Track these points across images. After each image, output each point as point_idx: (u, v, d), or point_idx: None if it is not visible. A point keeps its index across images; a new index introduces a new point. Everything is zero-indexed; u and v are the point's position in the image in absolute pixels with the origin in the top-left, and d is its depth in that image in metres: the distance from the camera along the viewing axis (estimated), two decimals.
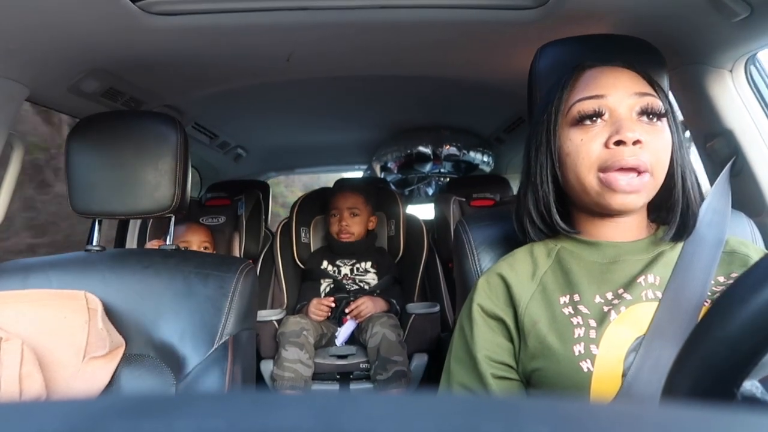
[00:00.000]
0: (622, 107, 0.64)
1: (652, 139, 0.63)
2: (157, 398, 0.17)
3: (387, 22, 1.08)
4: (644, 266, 0.66)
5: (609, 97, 0.64)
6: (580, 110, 0.65)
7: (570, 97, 0.67)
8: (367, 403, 0.16)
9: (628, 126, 0.62)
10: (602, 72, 0.67)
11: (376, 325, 1.72)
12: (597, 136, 0.64)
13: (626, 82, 0.65)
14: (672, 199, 0.66)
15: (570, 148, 0.66)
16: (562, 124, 0.67)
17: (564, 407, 0.17)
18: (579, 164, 0.65)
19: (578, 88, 0.67)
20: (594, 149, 0.64)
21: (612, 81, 0.65)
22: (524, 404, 0.17)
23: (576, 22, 0.99)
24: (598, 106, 0.64)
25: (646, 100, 0.64)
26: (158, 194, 0.93)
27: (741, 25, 0.88)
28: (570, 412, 0.17)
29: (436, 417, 0.16)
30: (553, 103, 0.68)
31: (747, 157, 1.02)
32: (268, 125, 2.16)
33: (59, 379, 0.77)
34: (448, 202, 2.05)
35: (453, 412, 0.16)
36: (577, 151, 0.65)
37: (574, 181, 0.66)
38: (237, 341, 0.85)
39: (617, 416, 0.17)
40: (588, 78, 0.67)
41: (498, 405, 0.17)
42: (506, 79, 1.41)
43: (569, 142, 0.66)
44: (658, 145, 0.63)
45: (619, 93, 0.64)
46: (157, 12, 0.96)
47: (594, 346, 0.60)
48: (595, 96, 0.65)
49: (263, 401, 0.16)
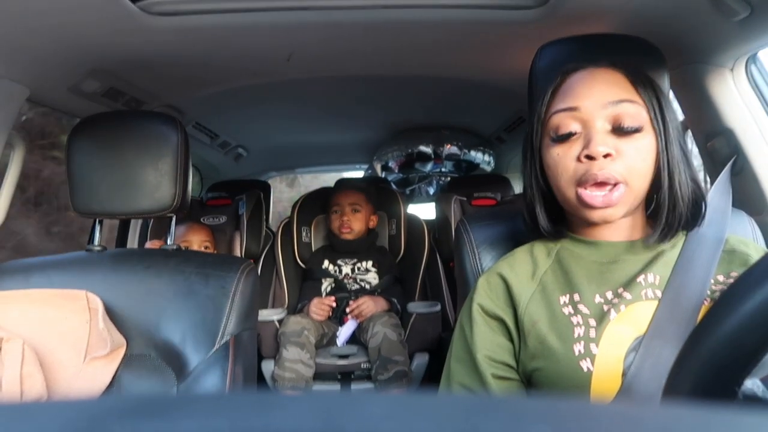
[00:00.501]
0: (595, 119, 0.63)
1: (626, 149, 0.62)
2: (158, 399, 0.17)
3: (388, 22, 1.08)
4: (644, 265, 0.66)
5: (582, 109, 0.64)
6: (556, 124, 0.66)
7: (549, 108, 0.68)
8: (368, 403, 0.16)
9: (598, 140, 0.62)
10: (581, 78, 0.67)
11: (377, 325, 1.72)
12: (571, 149, 0.64)
13: (603, 88, 0.64)
14: (660, 200, 0.66)
15: (550, 162, 0.67)
16: (543, 135, 0.68)
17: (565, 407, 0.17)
18: (558, 179, 0.66)
19: (557, 99, 0.67)
20: (569, 164, 0.64)
21: (587, 90, 0.65)
22: (525, 404, 0.17)
23: (576, 22, 0.99)
24: (571, 120, 0.65)
25: (620, 109, 0.63)
26: (159, 194, 0.93)
27: (742, 24, 0.88)
28: (571, 411, 0.17)
29: (438, 417, 0.16)
30: (537, 112, 0.69)
31: (748, 155, 1.02)
32: (268, 125, 2.16)
33: (60, 380, 0.77)
34: (449, 202, 2.05)
35: (454, 412, 0.16)
36: (556, 166, 0.66)
37: (557, 193, 0.68)
38: (238, 341, 0.85)
39: (618, 416, 0.17)
40: (567, 86, 0.67)
41: (499, 405, 0.17)
42: (507, 78, 1.41)
43: (549, 156, 0.67)
44: (633, 154, 0.63)
45: (593, 102, 0.64)
46: (158, 12, 0.96)
47: (594, 345, 0.60)
48: (569, 108, 0.65)
49: (265, 401, 0.16)
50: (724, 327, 0.48)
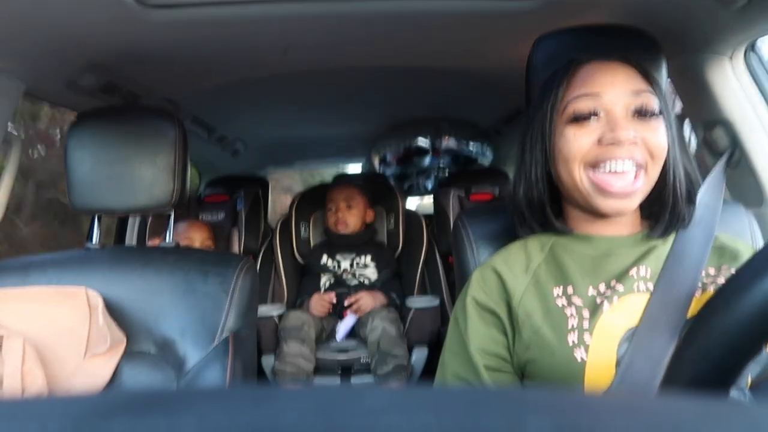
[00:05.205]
0: (618, 106, 0.64)
1: (648, 136, 0.63)
2: (159, 394, 0.17)
3: (385, 14, 1.07)
4: (636, 259, 0.67)
5: (605, 96, 0.64)
6: (575, 109, 0.65)
7: (566, 95, 0.67)
8: (367, 396, 0.16)
9: (623, 125, 0.62)
10: (599, 68, 0.67)
11: (376, 319, 1.73)
12: (591, 132, 0.64)
13: (623, 79, 0.65)
14: (663, 197, 0.67)
15: (562, 144, 0.66)
16: (558, 121, 0.67)
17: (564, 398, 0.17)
18: (570, 159, 0.65)
19: (574, 85, 0.67)
20: (585, 144, 0.64)
21: (609, 79, 0.65)
22: (525, 395, 0.17)
23: (574, 12, 0.99)
24: (593, 105, 0.64)
25: (642, 99, 0.64)
26: (157, 190, 0.92)
27: (741, 11, 0.88)
28: (570, 402, 0.17)
29: (438, 409, 0.16)
30: (550, 99, 0.68)
31: (746, 146, 1.02)
32: (266, 118, 2.15)
33: (61, 376, 0.77)
34: (448, 196, 2.05)
35: (454, 404, 0.16)
36: (569, 146, 0.65)
37: (567, 177, 0.67)
38: (237, 337, 0.85)
39: (617, 406, 0.17)
40: (584, 74, 0.67)
41: (498, 396, 0.17)
42: (505, 70, 1.41)
43: (563, 139, 0.66)
44: (654, 140, 0.63)
45: (615, 91, 0.64)
46: (154, 5, 0.96)
47: (587, 335, 0.61)
48: (591, 94, 0.65)
49: (265, 396, 0.16)
50: (722, 320, 0.48)
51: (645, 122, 0.64)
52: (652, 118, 0.64)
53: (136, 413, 0.15)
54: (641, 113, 0.64)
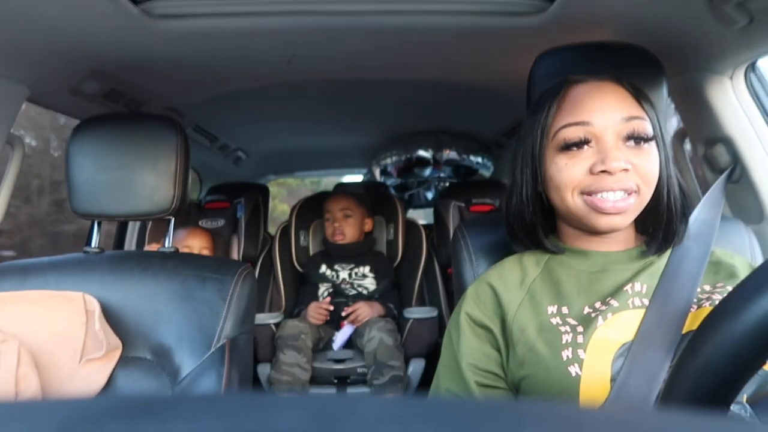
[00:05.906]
0: (609, 134, 0.63)
1: (639, 162, 0.63)
2: (152, 399, 0.17)
3: (388, 27, 1.08)
4: (632, 275, 0.66)
5: (595, 124, 0.63)
6: (566, 137, 0.64)
7: (555, 121, 0.66)
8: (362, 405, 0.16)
9: (614, 156, 0.62)
10: (588, 92, 0.65)
11: (373, 330, 1.72)
12: (582, 161, 0.64)
13: (613, 104, 0.64)
14: (658, 213, 0.67)
15: (554, 172, 0.66)
16: (548, 146, 0.67)
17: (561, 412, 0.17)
18: (562, 187, 0.65)
19: (564, 111, 0.66)
20: (577, 174, 0.64)
21: (598, 104, 0.64)
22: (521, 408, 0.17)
23: (576, 29, 1.00)
24: (583, 134, 0.63)
25: (633, 125, 0.63)
26: (157, 196, 0.93)
27: (741, 32, 0.89)
28: (567, 416, 0.17)
29: (433, 420, 0.16)
30: (540, 123, 0.67)
31: (746, 164, 1.02)
32: (268, 128, 2.16)
33: (56, 381, 0.77)
34: (448, 207, 2.05)
35: (449, 416, 0.16)
36: (561, 175, 0.65)
37: (559, 202, 0.67)
38: (234, 345, 0.84)
39: (614, 421, 0.17)
40: (574, 99, 0.66)
41: (495, 409, 0.17)
42: (507, 84, 1.42)
43: (554, 166, 0.66)
44: (646, 167, 0.63)
45: (605, 118, 0.63)
46: (159, 15, 0.97)
47: (581, 350, 0.61)
48: (581, 123, 0.64)
49: (259, 403, 0.16)
50: (722, 335, 0.48)
51: (637, 148, 0.63)
52: (644, 143, 0.63)
53: (128, 418, 0.15)
54: (633, 138, 0.63)
